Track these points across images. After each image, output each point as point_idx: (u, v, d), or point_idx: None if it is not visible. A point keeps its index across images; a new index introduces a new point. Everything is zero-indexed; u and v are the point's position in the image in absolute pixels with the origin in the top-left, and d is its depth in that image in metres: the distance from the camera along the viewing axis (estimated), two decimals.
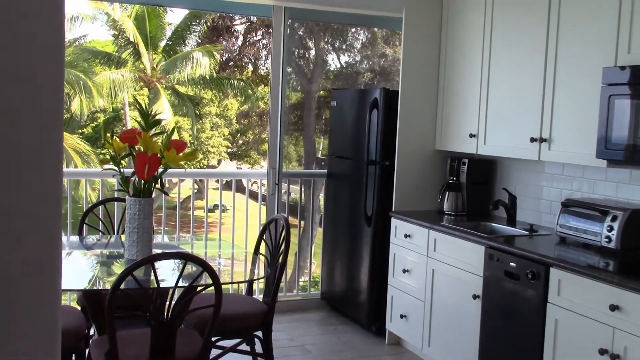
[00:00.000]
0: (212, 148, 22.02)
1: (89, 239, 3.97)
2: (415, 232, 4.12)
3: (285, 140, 19.88)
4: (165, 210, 5.25)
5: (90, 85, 15.41)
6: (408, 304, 4.21)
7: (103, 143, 3.29)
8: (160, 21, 16.72)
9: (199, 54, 16.22)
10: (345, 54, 18.14)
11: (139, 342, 2.80)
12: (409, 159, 4.43)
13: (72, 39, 19.03)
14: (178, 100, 17.87)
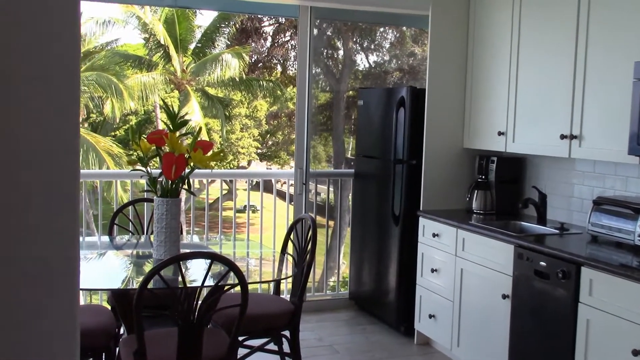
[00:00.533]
0: (242, 149, 22.15)
1: (119, 239, 4.02)
2: (444, 231, 4.08)
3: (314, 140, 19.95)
4: (194, 211, 5.29)
5: (121, 88, 15.62)
6: (437, 304, 4.17)
7: (132, 144, 3.32)
8: (189, 24, 16.87)
9: (228, 56, 16.32)
10: (373, 54, 18.08)
11: (167, 341, 2.82)
12: (436, 157, 4.39)
13: (105, 43, 19.33)
14: (208, 102, 18.01)
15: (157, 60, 17.12)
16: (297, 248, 3.69)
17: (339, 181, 5.33)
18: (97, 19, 18.38)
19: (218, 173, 6.26)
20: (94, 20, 18.45)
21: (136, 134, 3.26)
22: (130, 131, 3.35)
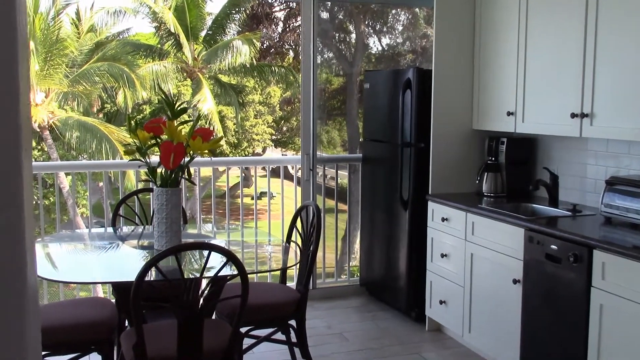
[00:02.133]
0: (256, 136, 22.09)
1: (123, 230, 3.98)
2: (453, 216, 3.99)
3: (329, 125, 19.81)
4: (214, 198, 5.24)
5: (133, 77, 15.61)
6: (447, 290, 4.09)
7: (129, 134, 3.26)
8: (200, 11, 16.79)
9: (238, 42, 16.24)
10: (386, 36, 17.89)
11: (167, 333, 2.77)
12: (444, 140, 4.28)
13: (116, 33, 19.33)
14: (221, 89, 17.96)
15: (168, 49, 17.08)
16: (302, 236, 3.62)
17: (354, 165, 5.23)
18: (108, 9, 18.37)
19: (218, 161, 6.19)
20: (104, 11, 18.45)
21: (132, 123, 3.19)
22: (127, 120, 3.28)
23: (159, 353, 2.69)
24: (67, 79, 16.18)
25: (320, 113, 17.98)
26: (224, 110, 20.18)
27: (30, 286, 0.96)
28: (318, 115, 4.74)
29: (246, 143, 22.02)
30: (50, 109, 16.18)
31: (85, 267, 3.22)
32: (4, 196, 0.89)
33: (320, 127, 18.31)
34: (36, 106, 15.79)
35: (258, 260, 3.64)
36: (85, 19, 18.57)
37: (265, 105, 22.16)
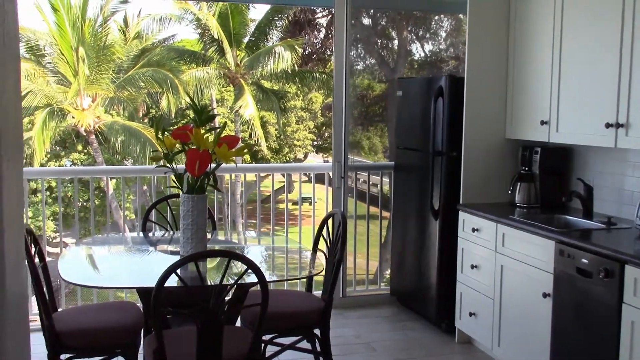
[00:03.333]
0: (297, 142, 22.18)
1: (153, 235, 4.02)
2: (483, 226, 3.91)
3: (370, 131, 19.73)
4: (260, 203, 5.24)
5: (177, 83, 15.87)
6: (477, 301, 4.01)
7: (156, 140, 3.29)
8: (243, 18, 16.97)
9: (280, 49, 16.35)
10: (429, 42, 17.74)
11: (188, 339, 2.78)
12: (477, 149, 4.21)
13: (162, 39, 19.68)
14: (262, 95, 18.09)
15: (212, 55, 17.30)
16: (328, 244, 3.60)
17: (390, 173, 5.17)
18: (154, 16, 18.72)
19: (243, 167, 6.21)
20: (150, 17, 18.81)
21: (160, 130, 3.23)
22: (154, 127, 3.32)
23: (178, 358, 2.71)
24: (113, 84, 16.54)
25: (362, 119, 17.94)
26: (266, 116, 20.33)
27: (10, 295, 0.96)
28: (360, 122, 4.72)
29: (287, 149, 22.13)
30: (96, 114, 16.55)
31: (111, 271, 3.26)
32: None
33: (361, 134, 18.28)
34: (83, 111, 16.18)
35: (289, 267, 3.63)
36: (132, 26, 18.98)
37: (307, 111, 22.24)
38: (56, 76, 16.61)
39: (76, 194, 4.82)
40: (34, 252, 3.10)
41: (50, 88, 16.42)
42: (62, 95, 16.24)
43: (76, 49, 15.57)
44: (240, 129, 18.21)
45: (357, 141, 18.11)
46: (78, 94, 16.05)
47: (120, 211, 16.00)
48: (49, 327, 2.96)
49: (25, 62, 16.63)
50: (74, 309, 3.41)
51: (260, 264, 3.47)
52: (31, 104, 15.50)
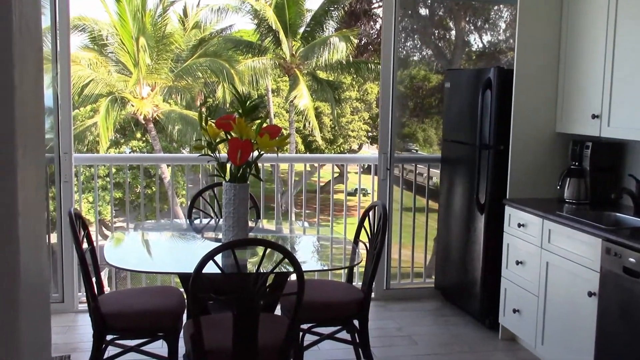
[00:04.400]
0: (352, 132, 22.15)
1: (200, 222, 4.10)
2: (529, 221, 3.83)
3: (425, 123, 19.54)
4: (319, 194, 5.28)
5: (233, 73, 16.07)
6: (521, 298, 3.93)
7: (200, 129, 3.35)
8: (299, 8, 17.03)
9: (336, 39, 16.34)
10: (487, 33, 17.40)
11: (225, 326, 2.82)
12: (525, 142, 4.12)
13: (220, 29, 19.96)
14: (317, 85, 18.13)
15: (268, 45, 17.44)
16: (369, 236, 3.60)
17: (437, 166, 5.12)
18: (212, 7, 18.99)
19: (284, 157, 6.23)
20: (209, 8, 19.09)
21: (203, 119, 3.28)
22: (198, 116, 3.38)
23: (215, 344, 2.76)
24: (171, 74, 16.88)
25: (418, 111, 17.77)
26: (321, 107, 20.38)
27: (26, 277, 1.00)
28: (415, 114, 4.71)
29: (342, 139, 22.14)
30: (155, 102, 16.93)
31: (153, 256, 3.35)
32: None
33: (416, 125, 18.11)
34: (142, 99, 16.58)
35: (328, 257, 3.65)
36: (191, 16, 19.31)
37: (362, 102, 22.16)
38: (117, 65, 17.07)
39: (127, 180, 4.95)
40: (82, 236, 3.21)
41: (112, 77, 16.89)
42: (122, 84, 16.69)
43: (136, 38, 15.95)
44: (294, 119, 18.32)
45: (413, 133, 17.96)
46: (138, 83, 16.46)
47: (177, 198, 16.37)
48: (95, 309, 3.07)
49: (88, 52, 17.16)
50: (120, 292, 3.52)
51: (300, 253, 3.50)
52: (93, 92, 15.98)
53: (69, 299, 4.49)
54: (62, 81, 4.32)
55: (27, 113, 1.01)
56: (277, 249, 2.76)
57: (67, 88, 4.35)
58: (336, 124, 21.22)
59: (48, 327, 1.19)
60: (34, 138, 1.07)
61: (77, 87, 15.99)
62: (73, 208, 3.21)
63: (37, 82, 1.09)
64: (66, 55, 4.31)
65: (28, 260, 1.03)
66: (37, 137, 1.10)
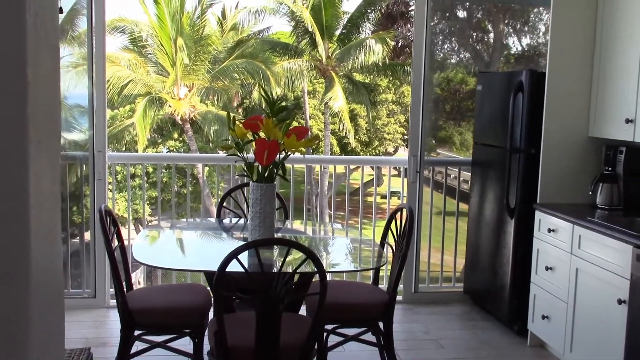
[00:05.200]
0: (387, 135, 22.09)
1: (227, 221, 4.15)
2: (559, 227, 3.77)
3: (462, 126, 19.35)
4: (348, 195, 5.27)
5: (269, 75, 16.18)
6: (550, 304, 3.87)
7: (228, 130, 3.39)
8: (335, 10, 17.06)
9: (372, 41, 16.32)
10: (526, 36, 17.18)
11: (248, 324, 2.85)
12: (557, 146, 4.05)
13: (257, 31, 20.11)
14: (353, 87, 18.13)
15: (304, 47, 17.51)
16: (395, 238, 3.59)
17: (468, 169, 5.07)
18: (250, 8, 19.15)
19: (310, 159, 6.23)
20: (247, 10, 19.26)
21: (231, 120, 3.32)
22: (227, 116, 3.42)
23: (238, 342, 2.79)
24: (208, 75, 17.08)
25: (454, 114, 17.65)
26: (357, 109, 20.37)
27: (37, 270, 1.03)
28: (452, 117, 4.70)
29: (377, 142, 22.09)
30: (192, 103, 17.15)
31: (181, 253, 3.40)
32: (8, 187, 0.97)
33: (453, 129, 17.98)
34: (179, 100, 16.81)
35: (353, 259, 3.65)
36: (229, 18, 19.51)
37: (398, 104, 22.07)
38: (156, 66, 17.34)
39: (159, 179, 5.03)
40: (111, 233, 3.28)
41: (150, 77, 17.16)
42: (160, 85, 16.94)
43: (175, 40, 16.18)
44: (329, 120, 18.35)
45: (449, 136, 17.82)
46: (175, 84, 16.69)
47: (212, 198, 16.53)
48: (122, 304, 3.12)
49: (128, 53, 17.46)
50: (147, 289, 3.58)
51: (324, 253, 3.52)
52: (132, 92, 16.27)
53: (100, 294, 4.58)
54: (97, 82, 4.42)
55: (41, 109, 1.04)
56: (299, 248, 2.78)
57: (101, 88, 4.44)
58: (371, 127, 21.19)
59: (61, 318, 1.22)
60: (48, 134, 1.10)
61: (117, 87, 16.31)
62: (104, 205, 3.28)
63: (53, 80, 1.12)
64: (101, 57, 4.40)
65: (40, 252, 1.06)
66: (52, 133, 1.13)
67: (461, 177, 5.46)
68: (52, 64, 1.12)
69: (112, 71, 16.08)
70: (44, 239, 1.09)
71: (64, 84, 9.61)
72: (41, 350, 1.07)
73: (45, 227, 1.09)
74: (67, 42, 9.90)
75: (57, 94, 1.16)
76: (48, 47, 1.09)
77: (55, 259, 1.16)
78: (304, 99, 19.24)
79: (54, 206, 1.15)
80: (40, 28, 1.03)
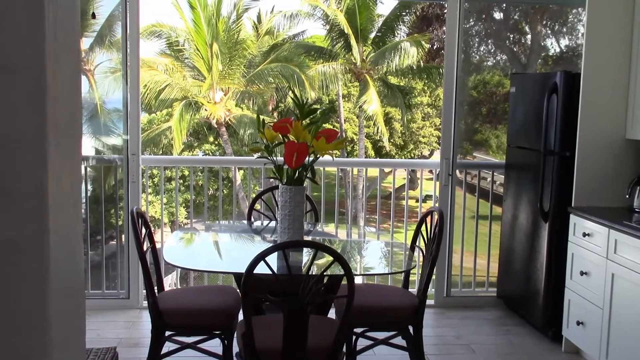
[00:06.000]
0: (422, 138, 21.94)
1: (258, 224, 4.17)
2: (595, 231, 3.69)
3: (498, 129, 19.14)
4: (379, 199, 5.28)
5: (303, 78, 16.23)
6: (585, 310, 3.79)
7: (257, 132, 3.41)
8: (370, 13, 17.04)
9: (406, 44, 16.25)
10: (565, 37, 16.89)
11: (276, 326, 2.85)
12: (592, 149, 3.97)
13: (292, 35, 20.20)
14: (388, 90, 18.08)
15: (338, 51, 17.53)
16: (425, 242, 3.56)
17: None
18: (285, 13, 19.26)
19: (339, 162, 6.21)
20: (282, 14, 19.37)
21: (261, 122, 3.34)
22: (257, 120, 3.44)
23: (266, 344, 2.80)
24: (244, 79, 17.22)
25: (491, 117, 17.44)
26: (391, 112, 20.29)
27: (56, 270, 1.05)
28: (488, 120, 4.66)
29: (412, 145, 21.96)
30: (227, 107, 17.31)
31: (211, 255, 3.43)
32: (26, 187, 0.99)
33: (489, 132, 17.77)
34: (215, 104, 16.99)
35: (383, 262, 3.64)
36: (265, 22, 19.65)
37: (434, 107, 21.91)
38: (192, 71, 17.56)
39: (191, 182, 5.09)
40: (143, 235, 3.32)
41: (187, 82, 17.38)
42: (196, 89, 17.14)
43: (210, 44, 16.36)
44: (364, 124, 18.32)
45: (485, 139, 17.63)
46: (211, 88, 16.87)
47: (246, 201, 16.65)
48: (153, 305, 3.16)
49: (165, 57, 17.72)
50: (178, 290, 3.62)
51: (352, 256, 3.51)
52: (169, 96, 16.50)
53: (134, 295, 4.65)
54: (131, 86, 4.49)
55: (60, 111, 1.07)
56: (326, 251, 2.77)
57: (136, 93, 4.50)
58: (406, 130, 21.08)
59: (82, 317, 1.24)
60: (68, 135, 1.12)
61: (154, 92, 16.56)
62: (135, 207, 3.32)
63: (74, 83, 1.15)
64: (135, 61, 4.47)
65: (59, 251, 1.08)
66: (73, 135, 1.16)
67: (495, 180, 5.38)
68: (72, 67, 1.14)
69: (149, 75, 16.34)
70: (64, 239, 1.11)
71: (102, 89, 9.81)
72: (61, 348, 1.09)
73: (65, 228, 1.11)
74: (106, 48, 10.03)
75: (77, 97, 1.18)
76: (68, 50, 1.11)
77: (75, 259, 1.18)
78: (338, 103, 19.25)
79: (74, 207, 1.17)
80: (59, 32, 1.05)
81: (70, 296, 1.15)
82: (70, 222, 1.13)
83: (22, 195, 1.00)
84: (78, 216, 1.19)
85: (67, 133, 1.11)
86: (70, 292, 1.15)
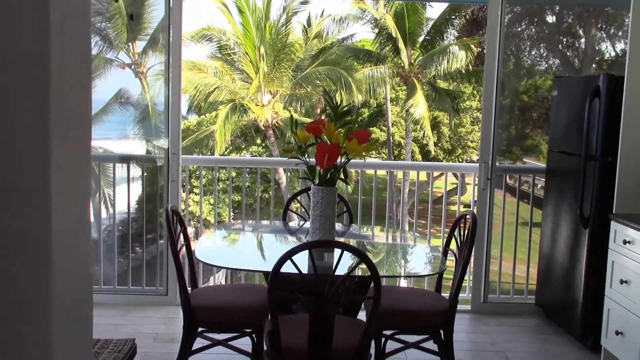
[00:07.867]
0: (471, 143, 21.65)
1: (293, 224, 4.20)
2: (636, 239, 3.58)
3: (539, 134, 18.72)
4: (431, 204, 5.27)
5: (350, 81, 16.25)
6: (625, 320, 3.68)
7: (290, 133, 3.45)
8: (419, 17, 16.94)
9: (455, 48, 16.09)
10: (621, 41, 16.45)
11: (303, 326, 2.87)
12: (635, 154, 3.86)
13: (341, 39, 20.26)
14: (435, 94, 17.92)
15: (386, 54, 17.48)
16: (458, 245, 3.52)
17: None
18: (334, 16, 19.32)
19: (371, 164, 6.18)
20: (331, 18, 19.45)
21: (294, 123, 3.37)
22: (290, 120, 3.47)
23: (292, 343, 2.81)
24: (291, 82, 17.35)
25: (541, 122, 17.13)
26: (439, 116, 20.10)
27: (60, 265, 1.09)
28: (539, 125, 4.61)
29: (460, 149, 21.70)
30: (274, 110, 17.46)
31: (243, 254, 3.48)
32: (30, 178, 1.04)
33: (540, 137, 17.44)
34: (262, 107, 17.15)
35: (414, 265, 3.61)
36: (314, 26, 19.76)
37: None
38: (241, 74, 17.78)
39: (230, 183, 5.16)
40: (178, 232, 3.39)
41: (235, 85, 17.61)
42: (244, 92, 17.35)
43: (259, 48, 16.54)
44: (411, 128, 18.21)
45: (536, 144, 17.30)
46: (259, 91, 17.04)
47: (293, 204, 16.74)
48: (185, 302, 3.22)
49: (215, 60, 18.00)
50: (211, 287, 3.68)
51: (382, 257, 3.50)
52: (217, 99, 16.75)
53: (172, 292, 4.74)
54: (172, 88, 4.58)
55: (66, 106, 1.11)
56: (353, 252, 2.78)
57: (177, 94, 4.60)
58: (454, 134, 20.85)
59: (89, 307, 1.28)
60: (75, 130, 1.17)
61: (204, 94, 16.83)
62: (170, 205, 3.39)
63: (83, 79, 1.19)
64: (177, 65, 4.56)
65: (63, 243, 1.12)
66: (81, 130, 1.20)
67: (537, 184, 5.28)
68: (81, 62, 1.18)
69: (199, 78, 16.62)
70: (68, 230, 1.15)
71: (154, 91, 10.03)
72: (64, 335, 1.13)
73: (69, 219, 1.15)
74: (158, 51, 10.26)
75: (87, 93, 1.21)
76: (77, 49, 1.15)
77: (81, 249, 1.22)
78: (386, 106, 19.18)
79: (81, 199, 1.21)
80: (67, 28, 1.09)
81: (75, 286, 1.19)
82: (75, 213, 1.17)
83: (26, 186, 1.04)
84: (85, 208, 1.23)
85: (75, 126, 1.15)
86: (76, 282, 1.19)
